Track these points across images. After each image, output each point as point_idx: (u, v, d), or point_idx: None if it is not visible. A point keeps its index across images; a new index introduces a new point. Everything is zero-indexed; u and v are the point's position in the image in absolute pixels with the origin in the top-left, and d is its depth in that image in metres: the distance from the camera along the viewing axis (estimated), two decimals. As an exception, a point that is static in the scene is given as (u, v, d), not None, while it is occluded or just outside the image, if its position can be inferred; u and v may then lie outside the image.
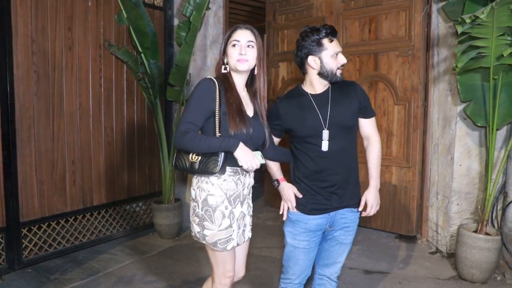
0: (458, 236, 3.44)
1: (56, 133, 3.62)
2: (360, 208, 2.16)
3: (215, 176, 1.95)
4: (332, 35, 2.06)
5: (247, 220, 2.14)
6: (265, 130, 2.07)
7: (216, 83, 1.96)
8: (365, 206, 2.18)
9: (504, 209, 3.47)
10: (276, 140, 2.28)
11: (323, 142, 2.07)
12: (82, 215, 3.89)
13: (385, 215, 4.41)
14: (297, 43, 2.13)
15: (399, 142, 4.28)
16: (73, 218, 3.81)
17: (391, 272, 3.54)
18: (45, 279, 3.33)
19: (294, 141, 2.21)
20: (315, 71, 2.10)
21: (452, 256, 3.69)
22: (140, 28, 3.92)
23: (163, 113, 4.30)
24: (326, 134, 2.07)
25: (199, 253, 3.89)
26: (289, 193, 2.17)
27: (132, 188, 4.37)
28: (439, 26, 3.90)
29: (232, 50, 1.99)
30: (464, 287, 3.30)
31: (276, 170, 2.27)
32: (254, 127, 1.99)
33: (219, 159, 1.86)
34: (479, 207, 3.53)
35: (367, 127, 2.19)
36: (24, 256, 3.45)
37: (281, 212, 2.24)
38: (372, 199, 2.15)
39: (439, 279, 3.42)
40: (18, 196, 3.36)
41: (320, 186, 2.12)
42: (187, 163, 1.93)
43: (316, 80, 2.12)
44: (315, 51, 2.06)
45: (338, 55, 2.08)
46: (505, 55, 2.94)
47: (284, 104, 2.19)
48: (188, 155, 1.93)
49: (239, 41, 1.99)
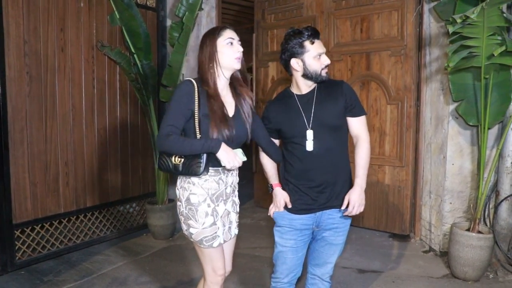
0: (451, 234, 3.46)
1: (49, 134, 3.61)
2: (343, 207, 2.14)
3: (197, 176, 1.96)
4: (313, 37, 2.07)
5: (233, 217, 2.16)
6: (247, 127, 2.07)
7: (196, 85, 1.96)
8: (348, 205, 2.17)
9: (496, 207, 3.49)
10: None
11: (307, 142, 2.10)
12: (75, 217, 3.88)
13: (378, 214, 4.43)
14: (281, 46, 2.15)
15: (392, 142, 4.30)
16: (66, 219, 3.81)
17: (384, 271, 3.55)
18: (38, 281, 3.32)
19: (283, 142, 2.24)
20: (299, 73, 2.12)
21: (445, 255, 3.71)
22: (132, 29, 3.92)
23: (156, 113, 4.29)
24: (310, 134, 2.10)
25: (193, 253, 3.82)
26: (280, 200, 2.20)
27: (126, 189, 4.36)
28: (431, 26, 3.92)
29: (228, 48, 1.98)
30: (457, 285, 3.32)
31: (272, 175, 2.29)
32: (235, 127, 2.00)
33: (201, 161, 1.88)
34: (472, 205, 3.56)
35: (356, 126, 2.19)
36: (17, 258, 3.44)
37: (269, 214, 2.27)
38: (355, 198, 2.11)
39: (432, 278, 3.44)
40: (11, 198, 3.35)
41: (307, 186, 2.14)
42: (170, 165, 1.95)
43: (301, 82, 2.15)
44: (297, 53, 2.08)
45: (321, 56, 2.09)
46: (495, 55, 2.97)
47: (273, 107, 2.23)
48: (171, 157, 1.94)
49: (234, 39, 1.99)
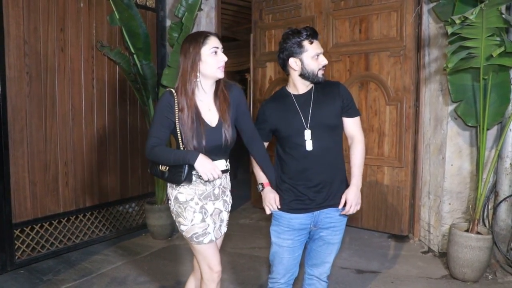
0: (450, 235, 3.46)
1: (49, 134, 3.62)
2: (340, 206, 2.17)
3: (179, 185, 2.04)
4: (312, 37, 2.08)
5: (224, 216, 2.20)
6: (221, 140, 2.03)
7: (175, 96, 1.97)
8: (345, 204, 2.18)
9: (495, 208, 3.49)
10: (265, 143, 2.31)
11: (306, 142, 2.11)
12: (75, 216, 3.89)
13: (377, 215, 4.43)
14: (279, 45, 2.16)
15: (391, 142, 4.30)
16: (65, 219, 3.81)
17: (383, 271, 3.55)
18: (37, 280, 3.32)
19: (279, 142, 2.24)
20: (297, 72, 2.13)
21: (444, 256, 3.71)
22: (132, 29, 3.93)
23: (156, 114, 4.28)
24: (308, 134, 2.11)
25: (192, 253, 3.87)
26: (270, 199, 2.21)
27: (125, 189, 4.37)
28: (430, 26, 3.92)
29: (212, 57, 1.96)
30: (456, 286, 3.32)
31: (262, 174, 2.29)
32: (209, 138, 1.99)
33: (183, 171, 1.94)
34: (471, 206, 3.56)
35: (351, 126, 2.21)
36: (16, 257, 3.45)
37: (268, 213, 2.26)
38: (352, 197, 2.15)
39: (431, 278, 3.44)
40: (10, 198, 3.36)
41: (305, 186, 2.14)
42: (158, 171, 2.04)
43: (298, 81, 2.16)
44: (296, 53, 2.09)
45: (319, 57, 2.10)
46: (494, 56, 2.97)
47: (269, 106, 2.23)
48: (159, 165, 2.01)
49: (218, 48, 1.98)
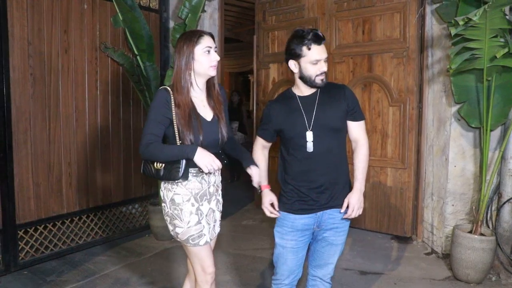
0: (453, 236, 3.46)
1: (53, 135, 3.63)
2: (342, 210, 2.16)
3: (177, 181, 2.03)
4: (312, 43, 2.03)
5: (217, 216, 2.22)
6: (219, 135, 2.09)
7: (171, 93, 2.00)
8: (348, 207, 2.18)
9: (498, 209, 3.48)
10: (267, 144, 2.33)
11: (307, 143, 2.11)
12: (78, 217, 3.90)
13: (380, 216, 4.43)
14: (286, 44, 2.16)
15: (394, 144, 4.30)
16: (69, 220, 3.82)
17: (386, 273, 3.55)
18: (41, 281, 3.33)
19: (283, 143, 2.25)
20: (297, 74, 2.14)
21: (447, 257, 3.71)
22: (135, 31, 3.93)
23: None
24: (310, 135, 2.11)
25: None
26: (266, 201, 2.23)
27: (128, 190, 4.38)
28: (433, 27, 3.92)
29: (205, 57, 2.01)
30: (459, 287, 3.31)
31: (262, 176, 2.28)
32: (206, 133, 2.03)
33: (180, 167, 1.95)
34: (474, 207, 3.55)
35: (356, 130, 2.21)
36: (20, 258, 3.46)
37: (268, 215, 2.26)
38: (355, 201, 2.15)
39: (435, 280, 3.44)
40: (14, 198, 3.36)
41: (308, 187, 2.15)
42: (153, 170, 2.02)
43: (300, 83, 2.16)
44: (295, 55, 2.08)
45: (319, 63, 2.06)
46: (498, 57, 2.97)
47: (274, 106, 2.23)
48: (153, 163, 2.01)
49: (211, 47, 2.03)
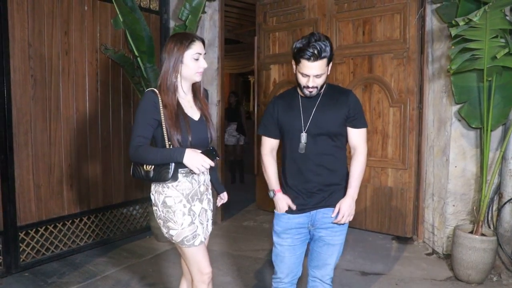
0: (454, 237, 3.46)
1: (53, 137, 3.63)
2: (333, 215, 2.16)
3: (169, 182, 2.03)
4: (303, 58, 2.00)
5: (209, 215, 2.23)
6: (207, 134, 2.12)
7: (159, 94, 2.00)
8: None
9: (499, 210, 3.48)
10: (275, 144, 2.31)
11: (300, 144, 2.13)
12: (79, 219, 3.89)
13: (381, 216, 4.43)
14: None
15: (394, 144, 4.30)
16: (70, 221, 3.82)
17: (387, 273, 3.55)
18: (42, 282, 3.33)
19: (283, 141, 2.26)
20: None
21: (448, 257, 3.71)
22: (136, 32, 3.93)
23: (160, 116, 4.29)
24: (303, 136, 2.13)
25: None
26: (283, 205, 2.21)
27: (129, 192, 4.37)
28: (434, 28, 3.92)
29: (194, 62, 2.03)
30: (460, 288, 3.32)
31: (274, 180, 2.28)
32: (194, 132, 2.04)
33: (170, 168, 1.95)
34: (475, 208, 3.55)
35: (355, 137, 2.20)
36: (21, 260, 3.46)
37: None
38: (345, 208, 2.13)
39: (436, 280, 3.43)
40: (15, 200, 3.37)
41: (301, 187, 2.17)
42: (142, 172, 2.02)
43: None
44: (294, 58, 2.09)
45: (309, 77, 2.03)
46: (498, 57, 2.97)
47: (278, 102, 2.25)
48: (143, 165, 2.01)
49: (201, 54, 2.05)
